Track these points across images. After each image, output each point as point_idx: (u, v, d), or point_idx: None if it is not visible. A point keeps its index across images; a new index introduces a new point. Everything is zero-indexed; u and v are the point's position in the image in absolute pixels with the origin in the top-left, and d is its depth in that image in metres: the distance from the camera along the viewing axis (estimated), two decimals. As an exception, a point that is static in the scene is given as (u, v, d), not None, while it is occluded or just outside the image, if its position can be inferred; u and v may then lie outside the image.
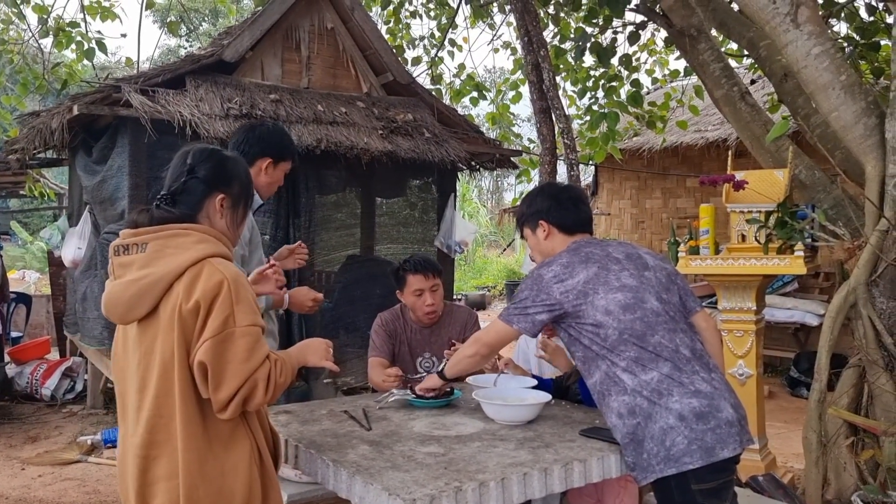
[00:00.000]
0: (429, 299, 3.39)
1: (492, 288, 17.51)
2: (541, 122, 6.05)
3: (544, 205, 2.63)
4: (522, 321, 2.43)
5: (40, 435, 5.74)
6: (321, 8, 6.18)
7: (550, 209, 2.62)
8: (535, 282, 2.43)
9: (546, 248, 2.62)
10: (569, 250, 2.50)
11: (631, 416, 2.24)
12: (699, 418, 2.18)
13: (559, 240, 2.59)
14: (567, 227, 2.60)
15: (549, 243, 2.60)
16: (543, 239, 2.62)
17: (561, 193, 2.69)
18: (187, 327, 1.77)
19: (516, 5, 5.95)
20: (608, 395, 2.31)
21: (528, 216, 2.69)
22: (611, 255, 2.45)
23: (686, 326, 2.41)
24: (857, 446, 3.45)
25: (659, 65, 8.54)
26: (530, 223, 2.67)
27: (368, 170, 5.85)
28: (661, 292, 2.41)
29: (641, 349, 2.28)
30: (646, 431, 2.20)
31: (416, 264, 3.44)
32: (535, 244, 2.68)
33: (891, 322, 3.33)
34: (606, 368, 2.31)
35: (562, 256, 2.47)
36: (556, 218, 2.61)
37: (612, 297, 2.33)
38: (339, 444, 2.32)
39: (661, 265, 2.52)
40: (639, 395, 2.23)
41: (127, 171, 5.08)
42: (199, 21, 22.86)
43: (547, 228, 2.61)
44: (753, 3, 3.45)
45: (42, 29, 7.39)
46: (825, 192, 3.99)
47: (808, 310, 7.43)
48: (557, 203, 2.63)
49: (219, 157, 2.00)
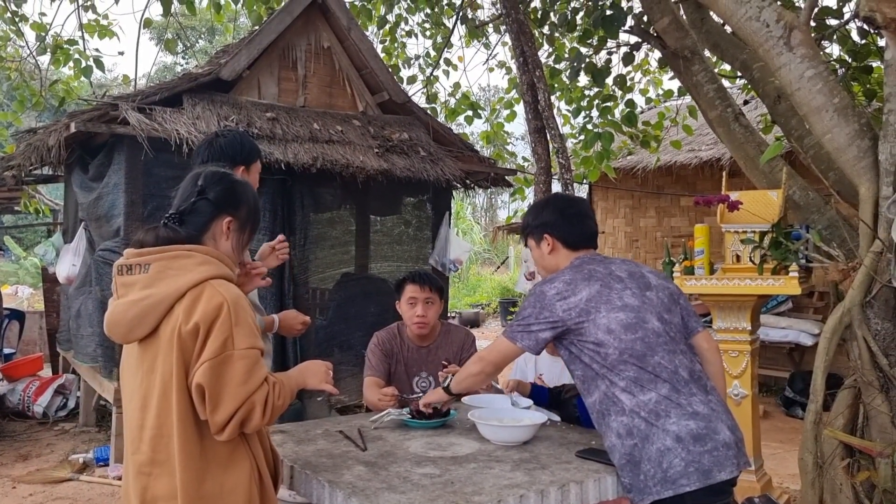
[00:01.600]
0: (420, 310, 3.38)
1: (486, 305, 17.49)
2: (535, 141, 6.08)
3: (550, 218, 2.60)
4: (526, 339, 2.41)
5: (32, 453, 5.69)
6: (318, 27, 6.23)
7: (556, 223, 2.58)
8: (538, 299, 2.41)
9: (549, 263, 2.60)
10: (572, 267, 2.48)
11: (629, 437, 2.23)
12: (696, 440, 2.17)
13: (563, 255, 2.56)
14: (571, 243, 2.57)
15: (553, 258, 2.58)
16: (548, 253, 2.59)
17: (568, 208, 2.64)
18: (186, 349, 1.77)
19: (512, 26, 6.00)
20: (607, 415, 2.30)
21: (533, 228, 2.65)
22: (613, 274, 2.44)
23: (686, 348, 2.41)
24: (853, 468, 3.44)
25: (653, 85, 8.60)
26: (535, 235, 2.64)
27: (364, 188, 5.87)
28: (663, 312, 2.40)
29: (641, 369, 2.27)
30: (643, 453, 2.20)
31: (416, 275, 3.49)
32: (538, 257, 2.65)
33: (886, 343, 3.34)
34: (605, 388, 2.30)
35: (565, 273, 2.45)
36: (561, 233, 2.57)
37: (613, 317, 2.32)
38: (334, 464, 2.31)
39: (663, 284, 2.50)
40: (636, 415, 2.23)
41: (123, 188, 5.09)
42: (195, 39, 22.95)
43: (551, 243, 2.57)
44: (747, 26, 3.49)
45: (40, 46, 7.40)
46: (819, 213, 4.01)
47: (802, 329, 7.44)
48: (563, 218, 2.59)
49: (230, 180, 2.03)
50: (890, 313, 3.34)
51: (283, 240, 3.00)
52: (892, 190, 3.20)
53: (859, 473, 3.39)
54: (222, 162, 2.72)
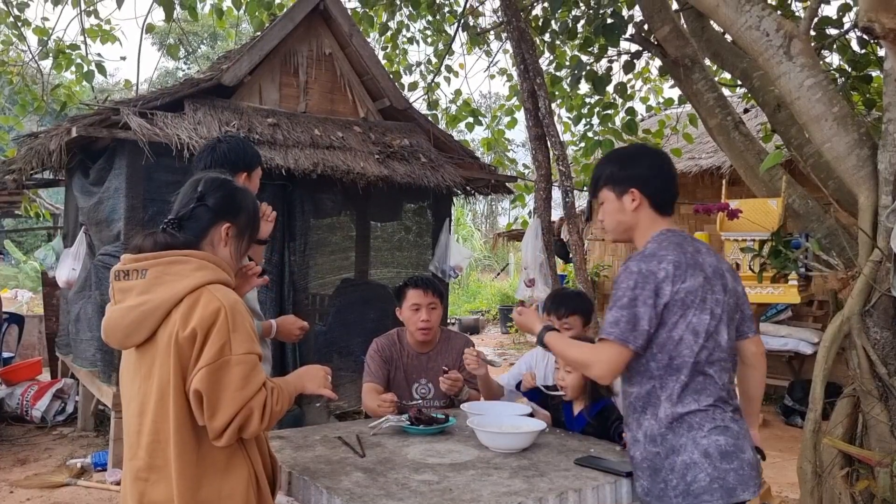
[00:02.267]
0: (424, 315, 3.37)
1: (485, 312, 17.47)
2: (536, 148, 6.09)
3: (644, 172, 2.28)
4: (639, 338, 2.13)
5: (30, 457, 5.68)
6: (319, 34, 6.25)
7: (650, 179, 2.27)
8: (646, 280, 2.13)
9: (627, 222, 2.31)
10: (671, 243, 2.20)
11: (652, 444, 2.18)
12: (724, 457, 2.12)
13: (647, 217, 2.28)
14: (660, 206, 2.28)
15: (633, 217, 2.28)
16: (631, 210, 2.27)
17: (665, 164, 2.33)
18: (184, 355, 1.77)
19: (513, 33, 6.02)
20: (641, 413, 2.23)
21: (618, 178, 2.30)
22: (715, 269, 2.23)
23: (733, 363, 2.30)
24: (852, 477, 3.43)
25: (653, 93, 8.63)
26: (618, 186, 2.29)
27: (364, 194, 5.88)
28: (730, 322, 2.26)
29: (693, 379, 2.16)
30: (665, 462, 2.15)
31: (418, 280, 3.47)
32: (613, 210, 2.32)
33: (885, 352, 3.34)
34: (651, 387, 2.20)
35: (666, 250, 2.17)
36: (652, 191, 2.27)
37: (702, 318, 2.15)
38: (332, 470, 2.31)
39: (735, 288, 2.30)
40: (669, 427, 2.16)
41: (124, 192, 5.10)
42: (197, 44, 23.01)
43: (638, 199, 2.26)
44: (747, 35, 3.50)
45: (42, 51, 7.43)
46: (819, 222, 4.01)
47: (802, 338, 7.43)
48: (660, 174, 2.29)
49: (230, 187, 2.04)
50: (889, 322, 3.33)
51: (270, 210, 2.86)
52: (891, 199, 3.20)
53: (858, 483, 3.38)
54: (224, 168, 2.72)
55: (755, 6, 3.44)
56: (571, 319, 3.25)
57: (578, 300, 3.36)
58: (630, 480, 2.31)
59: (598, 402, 2.89)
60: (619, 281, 2.18)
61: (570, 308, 3.27)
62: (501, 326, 15.33)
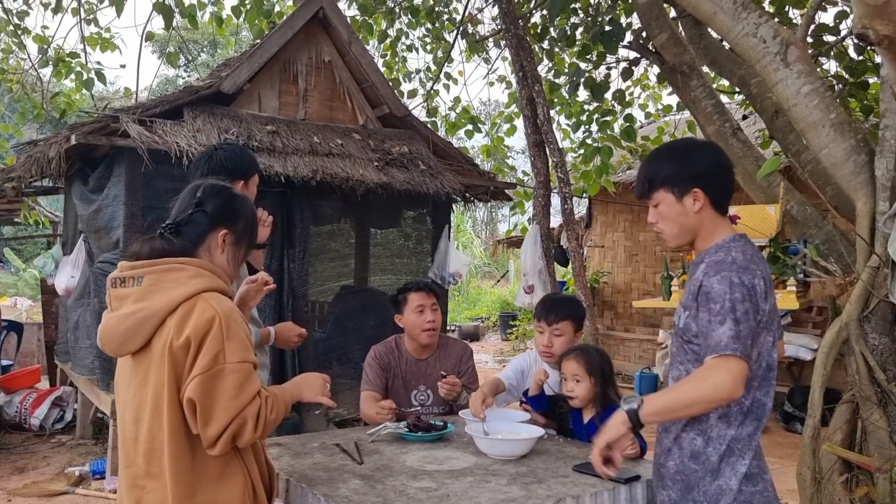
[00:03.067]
0: (429, 315, 3.36)
1: (485, 319, 17.47)
2: (535, 155, 6.10)
3: (706, 169, 2.08)
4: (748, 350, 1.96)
5: (28, 465, 5.67)
6: (319, 41, 6.26)
7: (713, 177, 2.08)
8: (749, 292, 1.97)
9: (690, 225, 2.11)
10: (758, 257, 2.05)
11: (693, 461, 2.09)
12: (749, 480, 2.06)
13: (710, 219, 2.10)
14: (722, 205, 2.11)
15: (697, 219, 2.10)
16: (694, 212, 2.08)
17: (724, 158, 2.15)
18: (178, 363, 1.77)
19: (511, 41, 6.04)
20: (686, 426, 2.11)
21: (678, 178, 2.09)
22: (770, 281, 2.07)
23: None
24: (851, 483, 3.43)
25: (652, 100, 8.64)
26: (679, 187, 2.08)
27: (363, 201, 5.89)
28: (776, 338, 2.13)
29: (749, 401, 2.05)
30: (701, 482, 2.07)
31: (418, 283, 3.47)
32: (673, 215, 2.12)
33: (883, 358, 3.34)
34: None
35: (756, 264, 2.03)
36: (716, 189, 2.08)
37: (767, 340, 2.03)
38: (330, 478, 2.31)
39: (773, 301, 2.11)
40: (715, 447, 2.06)
41: (123, 200, 5.10)
42: (197, 52, 23.06)
43: (702, 200, 2.07)
44: (744, 42, 3.51)
45: (42, 59, 7.45)
46: (817, 228, 4.02)
47: (801, 344, 7.44)
48: (721, 170, 2.11)
49: (228, 194, 2.04)
50: (887, 328, 3.34)
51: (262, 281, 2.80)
52: (888, 205, 3.21)
53: (857, 489, 3.37)
54: (222, 175, 2.71)
55: (752, 13, 3.45)
56: (562, 325, 3.17)
57: (569, 305, 3.28)
58: (628, 487, 2.31)
59: (608, 408, 2.81)
60: (720, 292, 1.97)
61: (560, 313, 3.18)
62: (501, 333, 15.32)
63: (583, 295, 6.14)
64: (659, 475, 2.21)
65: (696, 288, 2.06)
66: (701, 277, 2.05)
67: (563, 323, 3.18)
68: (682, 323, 2.15)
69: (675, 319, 2.26)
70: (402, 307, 3.44)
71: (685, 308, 2.15)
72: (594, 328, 6.25)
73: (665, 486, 2.17)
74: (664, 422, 2.14)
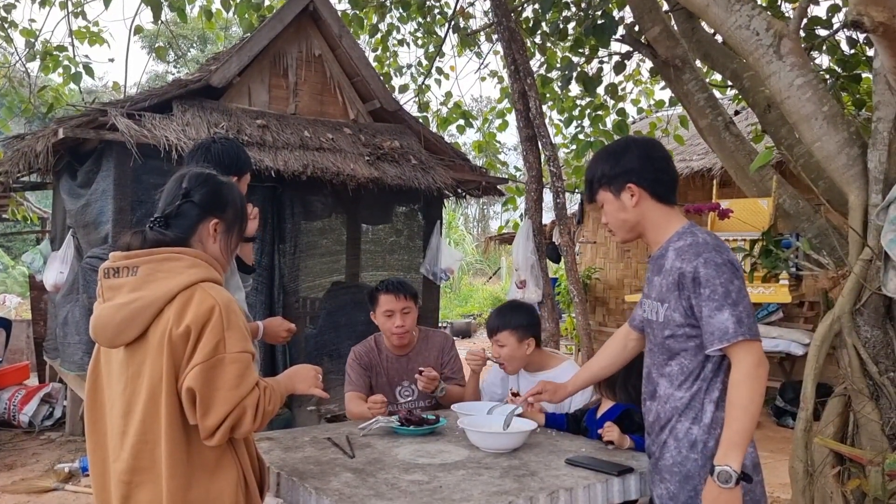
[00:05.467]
0: (398, 321, 3.31)
1: (477, 316, 17.47)
2: (527, 150, 6.09)
3: (635, 164, 2.19)
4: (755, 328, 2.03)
5: (17, 462, 5.62)
6: (309, 35, 6.22)
7: (643, 170, 2.18)
8: (736, 272, 2.04)
9: (631, 219, 2.22)
10: (714, 238, 2.11)
11: (692, 450, 2.11)
12: (754, 469, 2.09)
13: (654, 210, 2.20)
14: (663, 195, 2.20)
15: (638, 212, 2.20)
16: (632, 206, 2.19)
17: (654, 151, 2.24)
18: (177, 352, 1.75)
19: (503, 35, 6.02)
20: (681, 417, 2.14)
21: (610, 177, 2.21)
22: None
23: None
24: (843, 476, 3.43)
25: (644, 94, 8.63)
26: (613, 185, 2.21)
27: (354, 196, 5.86)
28: None
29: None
30: (702, 471, 2.09)
31: (389, 284, 3.37)
32: (615, 210, 2.24)
33: (875, 351, 3.34)
34: (697, 390, 2.12)
35: (722, 244, 2.10)
36: (650, 181, 2.18)
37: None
38: (321, 471, 2.28)
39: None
40: (712, 433, 2.09)
41: (111, 194, 5.06)
42: (187, 47, 22.94)
43: (637, 194, 2.18)
44: (737, 34, 3.49)
45: (29, 52, 7.38)
46: (809, 222, 4.01)
47: (793, 339, 7.45)
48: (651, 163, 2.19)
49: (215, 182, 2.00)
50: (880, 321, 3.33)
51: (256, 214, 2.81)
52: (881, 198, 3.20)
53: (850, 482, 3.37)
54: (217, 169, 2.68)
55: (745, 6, 3.44)
56: (502, 336, 3.10)
57: (507, 315, 3.16)
58: (621, 480, 2.30)
59: (617, 405, 2.77)
60: (707, 276, 2.02)
61: (495, 326, 3.12)
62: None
63: (575, 291, 6.14)
64: (656, 469, 2.21)
65: (674, 277, 2.09)
66: (679, 265, 2.09)
67: (501, 334, 3.11)
68: (661, 317, 2.18)
69: (649, 315, 2.26)
70: (374, 306, 3.40)
71: (661, 301, 2.17)
72: (586, 324, 6.24)
73: (663, 479, 2.17)
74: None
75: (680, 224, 2.20)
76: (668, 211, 2.21)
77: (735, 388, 2.02)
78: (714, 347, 2.03)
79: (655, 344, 2.24)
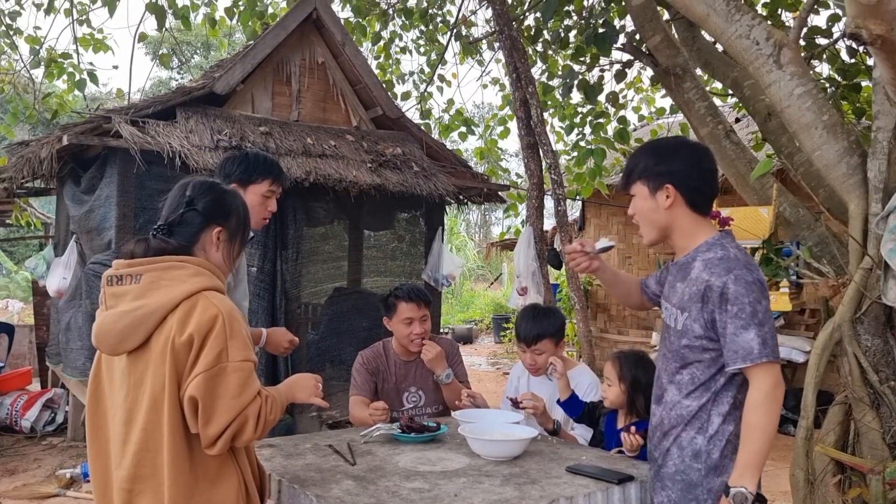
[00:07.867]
0: (417, 328, 3.33)
1: (479, 322, 17.46)
2: (528, 157, 6.10)
3: (682, 167, 2.12)
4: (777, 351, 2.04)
5: (18, 468, 5.63)
6: (312, 43, 6.25)
7: (688, 176, 2.11)
8: (764, 289, 2.03)
9: (661, 221, 2.16)
10: (742, 253, 2.08)
11: (695, 460, 2.11)
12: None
13: (686, 217, 2.14)
14: (699, 205, 2.13)
15: (668, 216, 2.14)
16: (665, 207, 2.13)
17: (704, 160, 2.17)
18: (180, 360, 1.76)
19: (505, 43, 6.04)
20: (686, 426, 2.14)
21: (652, 172, 2.14)
22: None
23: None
24: (844, 484, 3.43)
25: (645, 102, 8.65)
26: (652, 181, 2.14)
27: (357, 202, 5.87)
28: None
29: (738, 395, 2.11)
30: (704, 480, 2.09)
31: (410, 292, 3.38)
32: (647, 208, 2.17)
33: (876, 359, 3.34)
34: (705, 401, 2.12)
35: (749, 259, 2.07)
36: (690, 188, 2.12)
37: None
38: (322, 478, 2.29)
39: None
40: (716, 444, 2.09)
41: (115, 201, 5.08)
42: (191, 54, 23.02)
43: (673, 197, 2.11)
44: (737, 43, 3.51)
45: (34, 59, 7.42)
46: (810, 230, 4.02)
47: (794, 346, 7.44)
48: (698, 171, 2.13)
49: (218, 190, 2.02)
50: (880, 329, 3.34)
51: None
52: (881, 206, 3.21)
53: (850, 490, 3.37)
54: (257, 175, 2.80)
55: (745, 15, 3.46)
56: (541, 345, 3.15)
57: (546, 322, 3.19)
58: (622, 488, 2.31)
59: (640, 422, 2.76)
60: (737, 294, 2.00)
61: (535, 334, 3.15)
62: (495, 336, 15.31)
63: (576, 297, 6.14)
64: (658, 476, 2.21)
65: (700, 288, 2.07)
66: (707, 278, 2.05)
67: (542, 342, 3.16)
68: (679, 325, 2.15)
69: (668, 321, 2.26)
70: (391, 313, 3.40)
71: (682, 309, 2.14)
72: (587, 330, 6.25)
73: (664, 486, 2.17)
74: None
75: (709, 234, 2.16)
76: (699, 219, 2.16)
77: (753, 409, 2.03)
78: (735, 366, 2.02)
79: (670, 350, 2.22)
